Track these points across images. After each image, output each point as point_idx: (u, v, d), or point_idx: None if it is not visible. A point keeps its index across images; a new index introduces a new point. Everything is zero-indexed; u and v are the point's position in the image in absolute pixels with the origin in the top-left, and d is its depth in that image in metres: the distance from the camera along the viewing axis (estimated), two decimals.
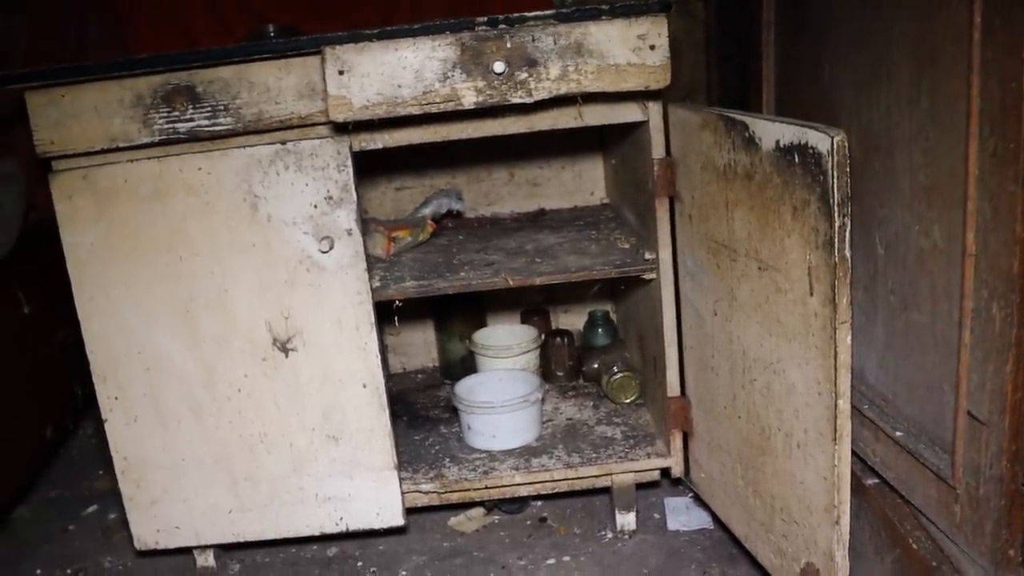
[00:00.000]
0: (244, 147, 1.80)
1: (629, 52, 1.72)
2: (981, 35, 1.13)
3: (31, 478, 2.45)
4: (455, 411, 2.20)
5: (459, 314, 2.47)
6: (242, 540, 2.01)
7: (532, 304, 2.59)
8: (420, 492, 2.03)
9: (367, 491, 1.98)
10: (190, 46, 2.75)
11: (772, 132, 1.50)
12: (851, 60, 1.61)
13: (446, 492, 2.03)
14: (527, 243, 2.17)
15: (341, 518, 1.99)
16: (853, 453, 1.54)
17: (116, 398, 1.92)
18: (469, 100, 1.71)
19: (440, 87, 1.70)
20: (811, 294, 1.44)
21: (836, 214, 1.36)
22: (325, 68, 1.68)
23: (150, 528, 2.00)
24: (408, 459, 2.12)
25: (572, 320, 2.66)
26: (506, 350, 2.31)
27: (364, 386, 1.92)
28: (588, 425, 2.20)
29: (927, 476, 1.44)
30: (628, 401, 2.26)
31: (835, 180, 1.35)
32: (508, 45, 1.67)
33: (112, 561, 2.16)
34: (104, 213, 1.83)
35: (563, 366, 2.42)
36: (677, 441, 2.02)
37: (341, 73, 1.69)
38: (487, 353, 2.32)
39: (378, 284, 1.95)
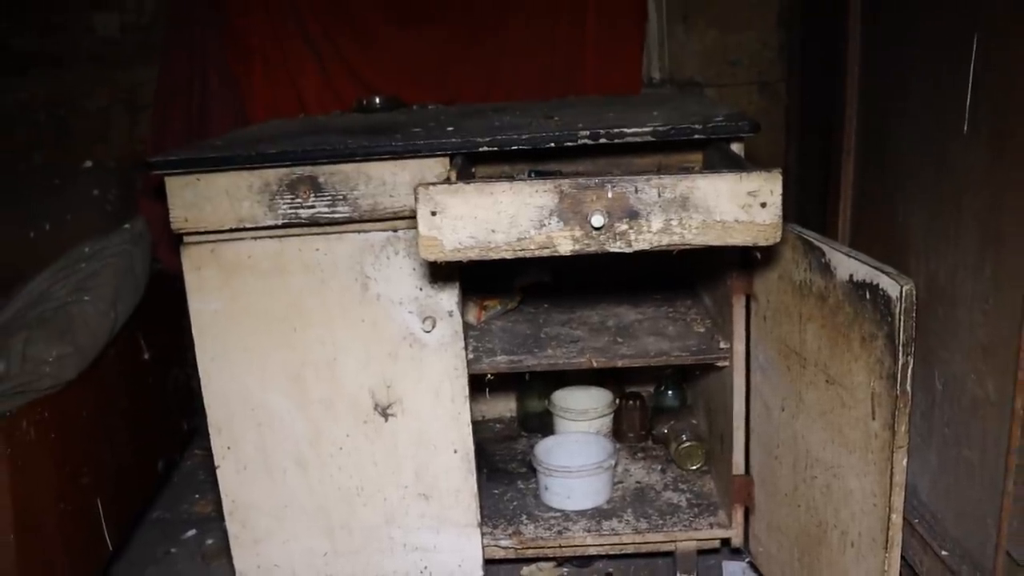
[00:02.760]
0: (359, 232, 1.98)
1: (738, 209, 1.56)
2: None
3: (143, 507, 2.66)
4: (532, 468, 2.37)
5: (539, 372, 2.63)
6: None
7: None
8: (499, 547, 2.20)
9: (451, 544, 2.16)
10: (301, 108, 2.94)
11: (846, 265, 1.63)
12: (923, 211, 1.74)
13: (523, 548, 2.20)
14: (608, 318, 2.33)
15: (426, 567, 2.18)
16: (903, 559, 1.69)
17: (229, 448, 2.12)
18: (565, 248, 1.60)
19: (535, 234, 1.59)
20: (873, 418, 1.58)
21: (900, 353, 1.49)
22: (417, 207, 1.59)
23: (251, 564, 2.20)
24: (488, 513, 2.29)
25: (645, 380, 2.81)
26: (582, 413, 2.48)
27: (455, 451, 2.09)
28: (656, 490, 2.36)
29: None
30: (694, 468, 2.42)
31: (902, 324, 1.48)
32: (609, 195, 1.57)
33: None
34: (228, 284, 2.02)
35: (634, 428, 2.59)
36: (739, 515, 2.17)
37: (433, 214, 1.58)
38: (565, 415, 2.49)
39: (471, 356, 2.12)
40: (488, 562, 2.21)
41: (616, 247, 1.62)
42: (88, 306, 2.04)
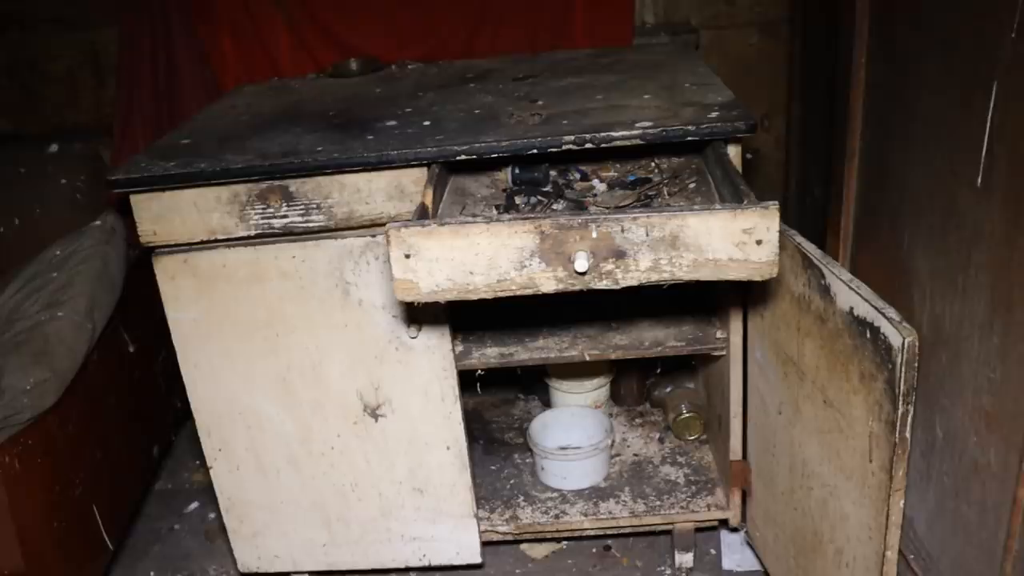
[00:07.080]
0: (335, 238, 1.90)
1: (732, 247, 1.44)
2: None
3: (144, 489, 2.66)
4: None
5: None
6: (334, 569, 2.22)
7: None
8: (496, 531, 2.20)
9: (448, 534, 2.16)
10: (274, 72, 2.77)
11: (847, 296, 1.55)
12: (929, 249, 1.63)
13: (520, 532, 2.20)
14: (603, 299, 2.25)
15: (424, 555, 2.19)
16: None
17: (220, 450, 2.09)
18: (548, 288, 1.50)
19: (516, 275, 1.49)
20: (870, 460, 1.53)
21: (900, 402, 1.43)
22: (390, 250, 1.48)
23: (252, 555, 2.22)
24: (485, 494, 2.28)
25: None
26: (580, 385, 2.43)
27: (448, 448, 2.06)
28: (653, 463, 2.34)
29: None
30: (692, 438, 2.39)
31: (903, 375, 1.41)
32: (593, 235, 1.45)
33: (216, 570, 2.40)
34: (205, 293, 1.95)
35: (632, 393, 2.55)
36: (736, 497, 2.15)
37: (408, 257, 1.48)
38: (561, 387, 2.44)
39: (460, 349, 2.06)
40: (486, 544, 2.22)
41: (602, 285, 1.52)
42: (63, 322, 1.97)
